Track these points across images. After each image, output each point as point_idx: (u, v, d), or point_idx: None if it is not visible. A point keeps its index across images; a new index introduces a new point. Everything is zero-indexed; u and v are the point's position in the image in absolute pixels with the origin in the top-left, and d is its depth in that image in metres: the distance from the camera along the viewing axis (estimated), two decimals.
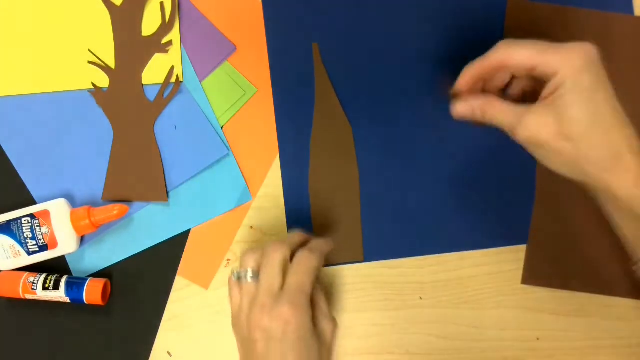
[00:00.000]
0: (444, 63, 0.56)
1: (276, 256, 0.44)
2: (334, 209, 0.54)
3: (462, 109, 0.46)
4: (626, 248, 0.45)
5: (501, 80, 0.47)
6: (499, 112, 0.43)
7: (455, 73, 0.47)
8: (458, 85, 0.46)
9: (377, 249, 0.54)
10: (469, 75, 0.45)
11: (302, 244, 0.47)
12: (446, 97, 0.48)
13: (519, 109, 0.42)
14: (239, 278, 0.45)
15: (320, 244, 0.47)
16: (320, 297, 0.46)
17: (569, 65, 0.39)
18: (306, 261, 0.44)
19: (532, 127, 0.41)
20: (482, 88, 0.47)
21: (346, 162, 0.55)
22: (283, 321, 0.41)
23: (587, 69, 0.39)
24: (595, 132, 0.39)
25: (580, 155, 0.40)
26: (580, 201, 0.53)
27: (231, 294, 0.46)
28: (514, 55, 0.42)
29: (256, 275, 0.44)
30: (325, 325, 0.44)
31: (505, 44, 0.42)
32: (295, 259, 0.44)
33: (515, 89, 0.47)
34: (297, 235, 0.48)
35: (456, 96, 0.47)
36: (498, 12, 0.57)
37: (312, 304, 0.44)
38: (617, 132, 0.39)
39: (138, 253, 0.54)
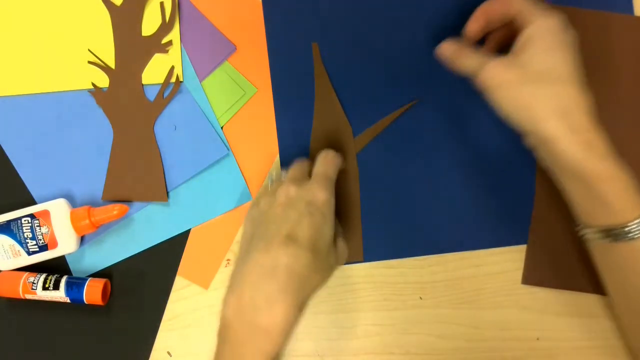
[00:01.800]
0: (442, 63, 0.56)
1: (298, 164, 0.48)
2: (334, 209, 0.54)
3: (440, 50, 0.49)
4: (569, 209, 0.46)
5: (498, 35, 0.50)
6: (466, 58, 0.46)
7: (455, 73, 0.47)
8: (468, 26, 0.49)
9: (377, 249, 0.54)
10: (478, 15, 0.48)
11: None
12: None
13: (485, 57, 0.45)
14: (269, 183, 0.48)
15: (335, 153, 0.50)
16: (336, 220, 0.47)
17: (544, 19, 0.43)
18: (331, 155, 0.48)
19: (493, 70, 0.43)
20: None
21: (346, 162, 0.55)
22: (311, 191, 0.43)
23: (559, 26, 0.43)
24: (553, 83, 0.42)
25: (533, 103, 0.42)
26: None
27: (255, 202, 0.48)
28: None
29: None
30: (339, 243, 0.46)
31: None
32: (319, 155, 0.48)
33: (492, 41, 0.51)
34: (306, 161, 0.51)
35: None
36: None
37: None
38: (573, 90, 0.42)
39: (138, 253, 0.54)
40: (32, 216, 0.51)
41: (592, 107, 0.42)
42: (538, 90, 0.42)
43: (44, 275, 0.52)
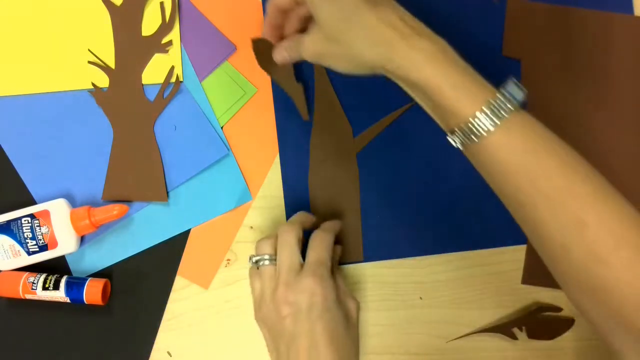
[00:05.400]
0: None
1: (291, 236, 0.45)
2: (334, 209, 0.54)
3: (277, 55, 0.49)
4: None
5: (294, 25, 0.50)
6: (291, 45, 0.47)
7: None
8: (264, 30, 0.50)
9: (377, 249, 0.54)
10: (267, 20, 0.50)
11: (311, 224, 0.50)
12: None
13: (299, 38, 0.46)
14: (256, 263, 0.46)
15: (331, 224, 0.50)
16: (339, 276, 0.48)
17: None
18: (322, 238, 0.47)
19: (306, 43, 0.44)
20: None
21: (346, 162, 0.55)
22: (309, 292, 0.43)
23: None
24: (348, 23, 0.40)
25: (349, 50, 0.41)
26: None
27: (252, 286, 0.47)
28: None
29: (273, 259, 0.46)
30: (349, 302, 0.46)
31: None
32: (311, 238, 0.47)
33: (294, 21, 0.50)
34: (304, 215, 0.50)
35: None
36: (498, 12, 0.57)
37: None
38: (368, 16, 0.40)
39: (138, 253, 0.54)
40: (32, 216, 0.51)
41: (387, 12, 0.40)
42: (345, 39, 0.41)
43: (44, 275, 0.52)
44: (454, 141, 0.40)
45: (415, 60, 0.39)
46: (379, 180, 0.55)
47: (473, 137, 0.38)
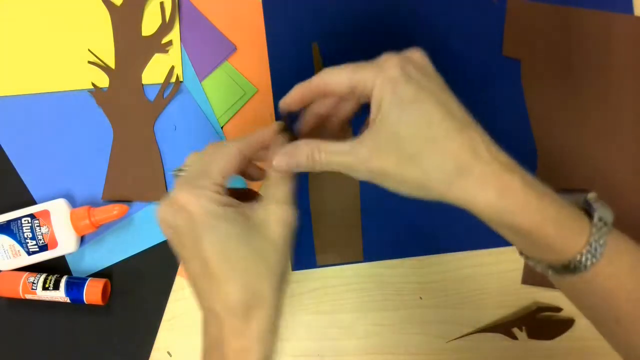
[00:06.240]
0: (444, 63, 0.56)
1: (218, 147, 0.38)
2: (334, 209, 0.54)
3: (281, 161, 0.38)
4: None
5: (344, 110, 0.42)
6: (330, 154, 0.37)
7: (455, 73, 0.46)
8: (286, 100, 0.40)
9: (377, 249, 0.54)
10: (295, 92, 0.40)
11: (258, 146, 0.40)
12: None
13: (350, 144, 0.36)
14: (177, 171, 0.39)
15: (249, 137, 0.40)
16: (276, 181, 0.38)
17: (383, 76, 0.35)
18: (218, 145, 0.38)
19: (368, 161, 0.35)
20: (320, 124, 0.42)
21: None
22: (176, 208, 0.35)
23: (404, 78, 0.35)
24: (432, 148, 0.34)
25: (424, 177, 0.34)
26: None
27: None
28: (332, 77, 0.38)
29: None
30: (269, 213, 0.36)
31: (326, 69, 0.38)
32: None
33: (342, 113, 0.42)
34: (259, 135, 0.40)
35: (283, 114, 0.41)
36: (498, 12, 0.57)
37: (254, 193, 0.40)
38: (457, 142, 0.34)
39: (138, 253, 0.54)
40: (32, 216, 0.51)
41: (477, 141, 0.35)
42: (422, 162, 0.34)
43: (44, 275, 0.52)
44: (544, 271, 0.37)
45: (512, 204, 0.34)
46: None
47: (576, 271, 0.35)
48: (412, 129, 0.34)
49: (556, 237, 0.35)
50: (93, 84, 0.55)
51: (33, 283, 0.51)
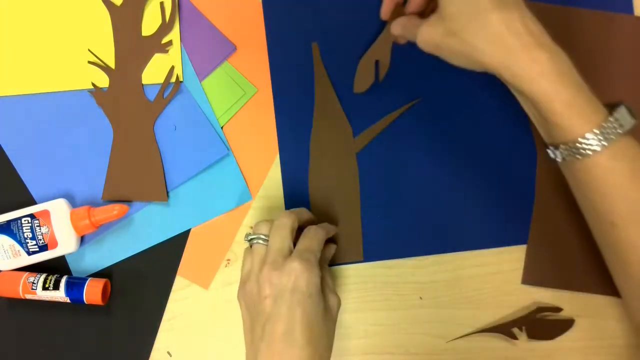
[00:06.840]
0: (443, 62, 0.56)
1: (286, 221, 0.46)
2: (334, 209, 0.54)
3: (393, 28, 0.51)
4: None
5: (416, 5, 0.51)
6: (409, 25, 0.48)
7: (456, 73, 0.47)
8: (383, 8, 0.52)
9: (377, 249, 0.54)
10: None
11: (308, 220, 0.50)
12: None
13: (420, 20, 0.46)
14: (250, 241, 0.47)
15: (327, 224, 0.50)
16: (327, 272, 0.47)
17: None
18: (315, 230, 0.47)
19: (424, 32, 0.45)
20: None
21: (346, 162, 0.55)
22: (294, 275, 0.42)
23: None
24: (473, 22, 0.41)
25: (468, 47, 0.41)
26: None
27: (243, 262, 0.47)
28: None
29: (267, 240, 0.46)
30: (331, 298, 0.46)
31: None
32: (304, 231, 0.47)
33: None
34: (305, 211, 0.50)
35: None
36: None
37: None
38: (495, 17, 0.40)
39: (138, 253, 0.54)
40: (32, 216, 0.51)
41: (514, 16, 0.40)
42: (465, 34, 0.41)
43: (44, 275, 0.52)
44: (555, 155, 0.42)
45: (531, 73, 0.40)
46: (379, 180, 0.55)
47: (578, 155, 0.40)
48: (456, 6, 0.42)
49: (563, 115, 0.39)
50: (93, 84, 0.55)
51: (33, 283, 0.51)
